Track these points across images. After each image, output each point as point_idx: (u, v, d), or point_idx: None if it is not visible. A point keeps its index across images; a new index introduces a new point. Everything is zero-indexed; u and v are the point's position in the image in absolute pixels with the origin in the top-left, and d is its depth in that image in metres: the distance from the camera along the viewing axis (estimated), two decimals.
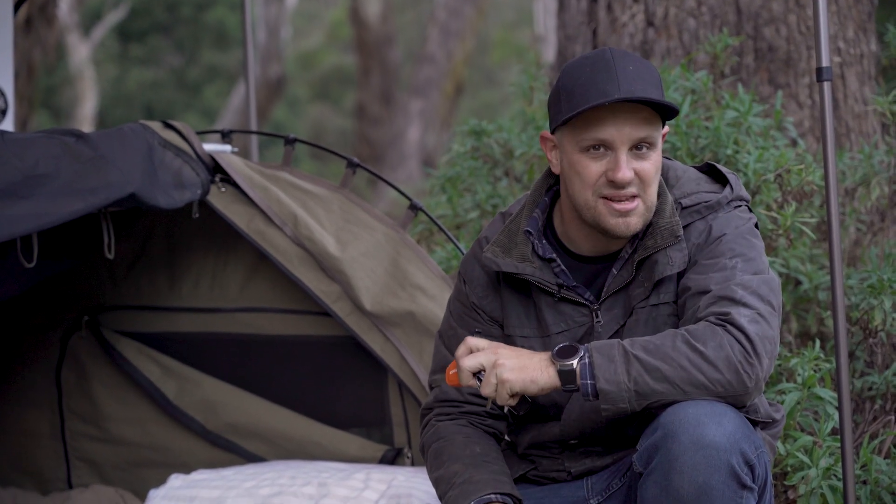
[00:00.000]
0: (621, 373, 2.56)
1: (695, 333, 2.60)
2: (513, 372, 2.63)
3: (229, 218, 3.75)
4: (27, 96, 10.19)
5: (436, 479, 2.88)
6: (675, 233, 2.76)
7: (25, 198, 3.07)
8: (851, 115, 5.04)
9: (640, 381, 2.56)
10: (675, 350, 2.58)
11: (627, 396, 2.57)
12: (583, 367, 2.59)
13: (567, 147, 2.78)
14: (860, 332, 3.95)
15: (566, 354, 2.62)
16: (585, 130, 2.72)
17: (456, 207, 5.06)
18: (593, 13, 5.26)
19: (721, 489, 2.51)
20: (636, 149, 2.73)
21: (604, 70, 2.70)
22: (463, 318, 2.97)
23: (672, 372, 2.57)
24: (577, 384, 2.60)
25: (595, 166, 2.73)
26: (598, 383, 2.57)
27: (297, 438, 3.98)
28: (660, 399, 2.57)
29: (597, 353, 2.59)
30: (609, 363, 2.57)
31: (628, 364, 2.57)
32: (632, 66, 2.72)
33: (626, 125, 2.70)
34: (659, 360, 2.57)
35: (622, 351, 2.59)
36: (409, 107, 14.74)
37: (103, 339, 4.13)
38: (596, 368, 2.57)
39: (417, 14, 19.69)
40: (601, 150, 2.72)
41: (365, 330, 3.70)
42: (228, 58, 18.47)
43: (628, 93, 2.67)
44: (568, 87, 2.74)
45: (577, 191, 2.76)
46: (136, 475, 4.16)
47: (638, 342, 2.61)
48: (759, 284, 2.68)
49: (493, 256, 2.87)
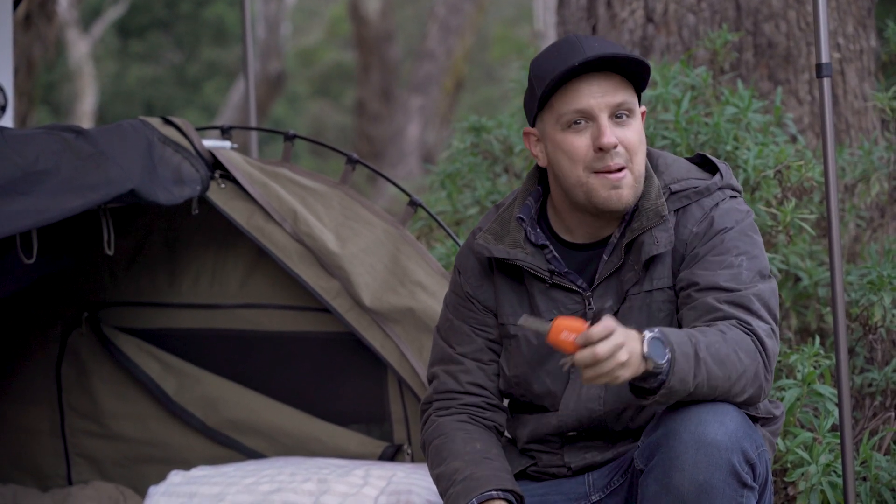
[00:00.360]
0: (691, 375, 2.54)
1: (740, 344, 2.60)
2: (626, 368, 2.48)
3: (229, 214, 3.75)
4: (27, 92, 10.18)
5: (437, 476, 2.88)
6: (660, 213, 2.77)
7: (25, 194, 3.07)
8: (851, 112, 5.04)
9: (699, 385, 2.55)
10: (728, 359, 2.57)
11: (682, 395, 2.56)
12: (666, 361, 2.52)
13: (549, 131, 2.79)
14: (860, 329, 3.95)
15: (657, 351, 2.51)
16: (564, 105, 2.74)
17: (455, 204, 5.06)
18: (593, 9, 5.26)
19: (722, 487, 2.51)
20: (616, 117, 2.75)
21: (568, 48, 2.74)
22: (458, 309, 2.97)
23: (722, 382, 2.57)
24: (656, 380, 2.54)
25: (580, 140, 2.75)
26: (671, 380, 2.52)
27: (296, 435, 3.98)
28: (696, 400, 2.57)
29: (678, 350, 2.52)
30: (686, 362, 2.53)
31: (697, 367, 2.55)
32: (597, 43, 2.74)
33: (602, 91, 2.73)
34: (719, 367, 2.56)
35: (694, 351, 2.55)
36: (408, 103, 14.73)
37: (103, 336, 4.13)
38: (676, 365, 2.52)
39: (417, 10, 19.68)
40: (582, 122, 2.74)
41: (365, 326, 3.70)
42: (228, 54, 18.46)
43: (597, 53, 2.69)
44: (538, 73, 2.78)
45: (568, 170, 2.77)
46: (136, 471, 4.16)
47: (702, 342, 2.55)
48: (769, 296, 2.71)
49: (484, 243, 2.88)
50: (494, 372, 2.96)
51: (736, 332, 2.62)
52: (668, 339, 2.54)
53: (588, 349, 2.45)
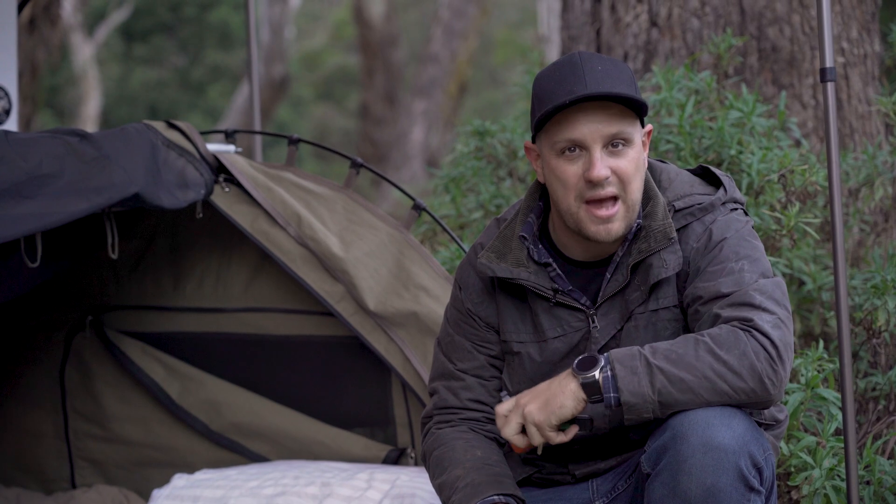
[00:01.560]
0: (645, 385, 2.56)
1: (718, 340, 2.59)
2: (540, 412, 2.63)
3: (233, 218, 3.75)
4: (31, 96, 10.20)
5: (439, 486, 2.87)
6: (668, 235, 2.75)
7: (29, 197, 3.08)
8: (855, 116, 5.04)
9: (665, 391, 2.56)
10: (698, 359, 2.57)
11: (651, 408, 2.57)
12: (605, 379, 2.58)
13: (545, 153, 2.77)
14: (864, 333, 3.94)
15: (586, 366, 2.61)
16: (558, 132, 2.72)
17: (459, 207, 5.06)
18: (597, 13, 5.26)
19: (729, 491, 2.51)
20: (611, 146, 2.71)
21: (571, 72, 2.71)
22: (459, 325, 2.96)
23: (696, 382, 2.56)
24: (602, 396, 2.59)
25: (572, 168, 2.72)
26: (623, 396, 2.56)
27: (300, 438, 3.98)
28: (683, 408, 2.57)
29: (619, 365, 2.58)
30: (632, 375, 2.56)
31: (652, 376, 2.56)
32: (600, 66, 2.71)
33: (597, 122, 2.69)
34: (683, 370, 2.56)
35: (645, 362, 2.57)
36: (412, 107, 14.73)
37: (107, 339, 4.14)
38: (619, 381, 2.56)
39: (421, 14, 19.69)
40: (576, 150, 2.72)
41: (369, 330, 3.70)
42: (232, 58, 18.48)
43: (594, 89, 2.67)
44: (538, 94, 2.75)
45: (560, 197, 2.76)
46: (139, 475, 4.16)
47: (660, 351, 2.59)
48: (773, 289, 2.69)
49: (487, 262, 2.87)
50: (496, 387, 2.95)
51: (722, 331, 2.60)
52: (609, 359, 2.60)
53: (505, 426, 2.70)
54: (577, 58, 2.73)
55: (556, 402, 2.62)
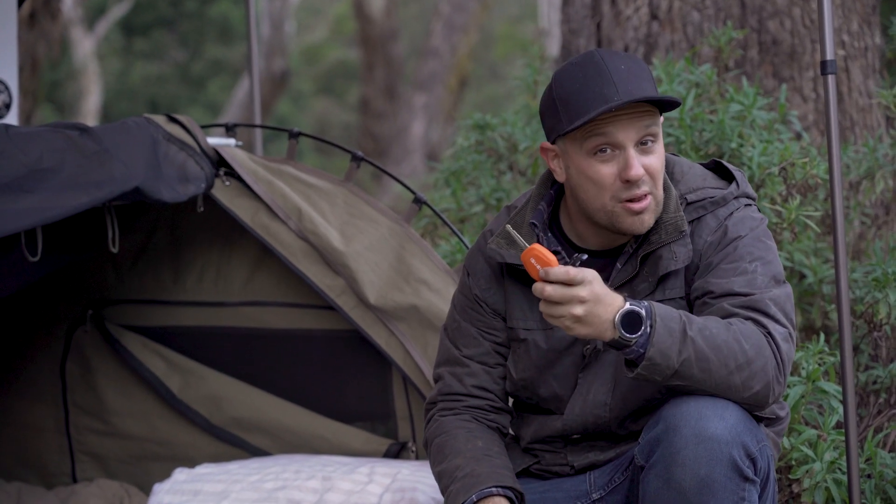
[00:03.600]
0: (675, 350, 2.55)
1: (745, 333, 2.60)
2: (579, 325, 2.58)
3: (234, 212, 3.75)
4: (31, 90, 10.19)
5: (438, 474, 2.87)
6: (680, 228, 2.76)
7: (30, 192, 3.08)
8: (856, 109, 5.03)
9: (686, 364, 2.56)
10: (727, 345, 2.58)
11: (667, 372, 2.57)
12: (642, 334, 2.57)
13: (573, 154, 2.76)
14: (864, 326, 3.94)
15: (630, 324, 2.57)
16: (591, 135, 2.71)
17: (460, 201, 5.06)
18: (597, 7, 5.26)
19: (723, 482, 2.51)
20: (641, 144, 2.73)
21: (596, 74, 2.70)
22: (466, 311, 2.97)
23: (717, 367, 2.57)
24: (629, 349, 2.58)
25: (606, 169, 2.72)
26: (650, 351, 2.55)
27: (301, 432, 3.98)
28: (689, 386, 2.57)
29: (660, 322, 2.55)
30: (668, 336, 2.55)
31: (683, 343, 2.56)
32: (623, 66, 2.71)
33: (630, 123, 2.70)
34: (711, 350, 2.57)
35: (682, 328, 2.57)
36: (413, 101, 14.74)
37: (108, 334, 4.14)
38: (655, 336, 2.55)
39: (421, 8, 19.68)
40: (608, 151, 2.72)
41: (369, 324, 3.70)
42: (232, 52, 18.46)
43: (629, 94, 2.67)
44: (563, 97, 2.73)
45: (593, 196, 2.75)
46: (140, 469, 4.16)
47: (696, 323, 2.58)
48: (785, 301, 2.71)
49: (497, 248, 2.87)
50: (500, 375, 2.95)
51: (747, 327, 2.62)
52: (652, 312, 2.57)
53: (542, 284, 2.57)
54: (598, 57, 2.72)
55: (591, 329, 2.57)
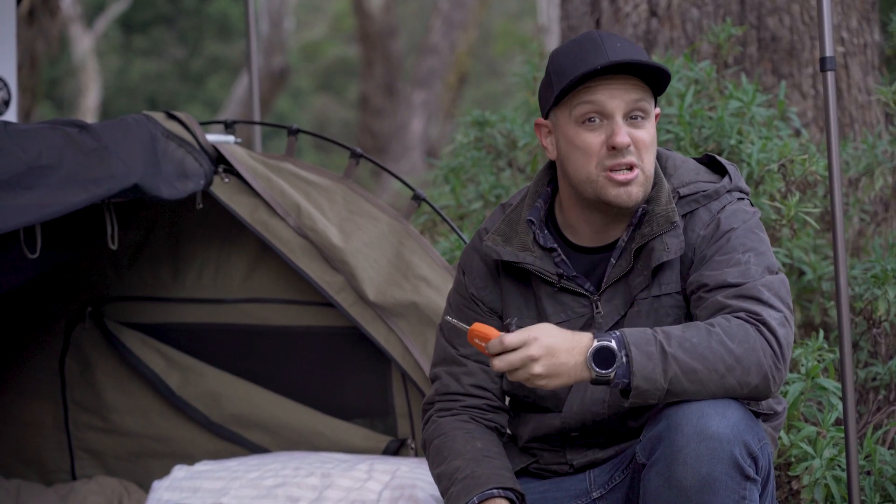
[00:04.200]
0: (658, 372, 2.55)
1: (729, 332, 2.59)
2: (547, 379, 2.58)
3: (233, 209, 3.75)
4: (30, 87, 10.19)
5: (438, 475, 2.87)
6: (671, 219, 2.77)
7: (29, 189, 3.07)
8: (855, 105, 5.03)
9: (675, 381, 2.55)
10: (711, 351, 2.57)
11: (659, 394, 2.56)
12: (620, 366, 2.57)
13: (563, 124, 2.79)
14: (864, 323, 3.95)
15: (604, 360, 2.57)
16: (580, 102, 2.75)
17: (459, 198, 5.06)
18: (596, 3, 5.25)
19: (724, 480, 2.51)
20: (631, 118, 2.75)
21: (592, 47, 2.74)
22: (462, 310, 2.96)
23: (707, 375, 2.56)
24: (611, 382, 2.59)
25: (593, 136, 2.75)
26: (634, 380, 2.55)
27: (300, 429, 3.98)
28: (688, 398, 2.57)
29: (635, 350, 2.55)
30: (647, 361, 2.55)
31: (665, 363, 2.55)
32: (619, 43, 2.76)
33: (619, 92, 2.74)
34: (696, 360, 2.56)
35: (660, 348, 2.56)
36: (412, 98, 14.72)
37: (107, 330, 4.13)
38: (634, 365, 2.55)
39: (420, 5, 19.67)
40: (597, 120, 2.75)
41: (368, 321, 3.70)
42: (232, 49, 18.46)
43: (620, 58, 2.71)
44: (558, 68, 2.78)
45: (580, 166, 2.77)
46: (139, 466, 4.16)
47: (674, 337, 2.58)
48: (779, 286, 2.70)
49: (493, 245, 2.88)
50: (497, 373, 2.95)
51: (733, 323, 2.61)
52: (624, 342, 2.57)
53: (499, 358, 2.58)
54: (596, 34, 2.77)
55: (562, 378, 2.59)
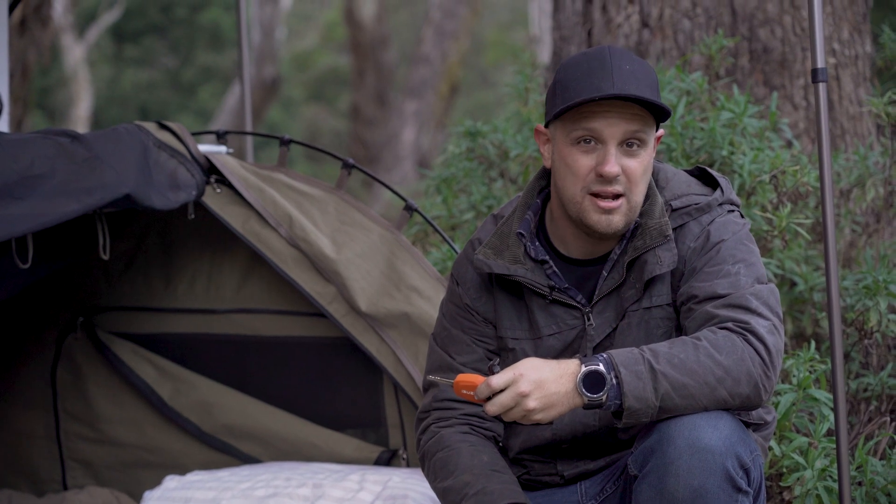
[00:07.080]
0: (649, 391, 2.55)
1: (716, 345, 2.59)
2: (543, 412, 2.58)
3: (225, 219, 3.74)
4: (22, 97, 10.17)
5: (444, 490, 2.85)
6: (664, 232, 2.77)
7: (21, 198, 3.07)
8: (846, 117, 5.04)
9: (667, 397, 2.55)
10: (699, 365, 2.57)
11: (651, 412, 2.56)
12: (610, 388, 2.57)
13: (559, 139, 2.79)
14: (855, 334, 3.95)
15: (594, 384, 2.56)
16: (577, 123, 2.74)
17: (451, 208, 5.06)
18: (588, 14, 5.26)
19: (716, 493, 2.51)
20: (626, 145, 2.74)
21: (599, 67, 2.73)
22: (456, 319, 2.96)
23: (697, 389, 2.56)
24: (604, 405, 2.58)
25: (585, 159, 2.75)
26: (626, 401, 2.55)
27: (292, 440, 3.98)
28: (680, 413, 2.57)
29: (624, 371, 2.55)
30: (637, 380, 2.55)
31: (655, 381, 2.55)
32: (628, 66, 2.74)
33: (617, 120, 2.72)
34: (685, 375, 2.56)
35: (649, 367, 2.56)
36: (403, 108, 14.74)
37: (98, 341, 4.13)
38: (624, 386, 2.55)
39: (412, 15, 19.69)
40: (591, 143, 2.74)
41: (360, 331, 3.70)
42: (223, 59, 18.47)
43: (621, 90, 2.69)
44: (563, 82, 2.77)
45: (567, 184, 2.77)
46: (131, 476, 4.16)
47: (662, 355, 2.58)
48: (768, 295, 2.71)
49: (484, 258, 2.88)
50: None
51: (719, 335, 2.61)
52: (612, 364, 2.56)
53: (490, 402, 2.58)
54: (607, 52, 2.76)
55: (556, 408, 2.58)
